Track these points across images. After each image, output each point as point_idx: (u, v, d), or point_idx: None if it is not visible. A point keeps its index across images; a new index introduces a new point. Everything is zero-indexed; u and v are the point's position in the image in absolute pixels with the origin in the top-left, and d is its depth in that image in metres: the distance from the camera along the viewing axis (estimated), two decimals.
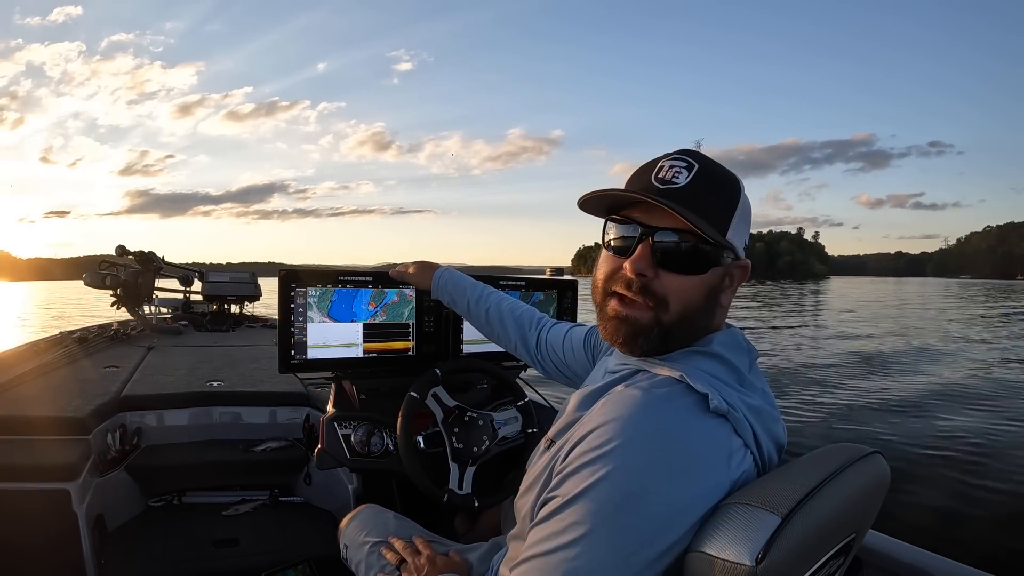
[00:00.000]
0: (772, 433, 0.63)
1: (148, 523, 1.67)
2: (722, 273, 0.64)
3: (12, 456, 1.36)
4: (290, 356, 1.23)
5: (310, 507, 1.83)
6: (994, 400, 5.89)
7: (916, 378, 7.12)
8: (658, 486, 0.52)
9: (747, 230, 0.66)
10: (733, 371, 0.63)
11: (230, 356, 2.59)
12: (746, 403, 0.61)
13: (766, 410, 0.63)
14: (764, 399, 0.64)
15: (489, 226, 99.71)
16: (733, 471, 0.57)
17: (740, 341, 0.67)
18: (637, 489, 0.52)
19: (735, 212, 0.64)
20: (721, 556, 0.50)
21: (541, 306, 1.50)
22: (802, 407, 5.51)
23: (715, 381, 0.60)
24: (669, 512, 0.52)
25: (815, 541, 0.55)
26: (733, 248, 0.64)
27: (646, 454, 0.53)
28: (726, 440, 0.57)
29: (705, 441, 0.56)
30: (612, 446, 0.54)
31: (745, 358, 0.66)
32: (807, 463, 0.62)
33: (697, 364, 0.62)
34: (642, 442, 0.54)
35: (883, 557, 0.88)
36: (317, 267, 1.75)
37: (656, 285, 0.62)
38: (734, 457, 0.57)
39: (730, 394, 0.60)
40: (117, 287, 3.35)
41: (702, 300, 0.63)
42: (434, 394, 1.23)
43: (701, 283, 0.62)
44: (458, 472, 1.19)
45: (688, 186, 0.62)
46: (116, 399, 1.77)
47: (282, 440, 1.88)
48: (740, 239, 0.65)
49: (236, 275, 4.18)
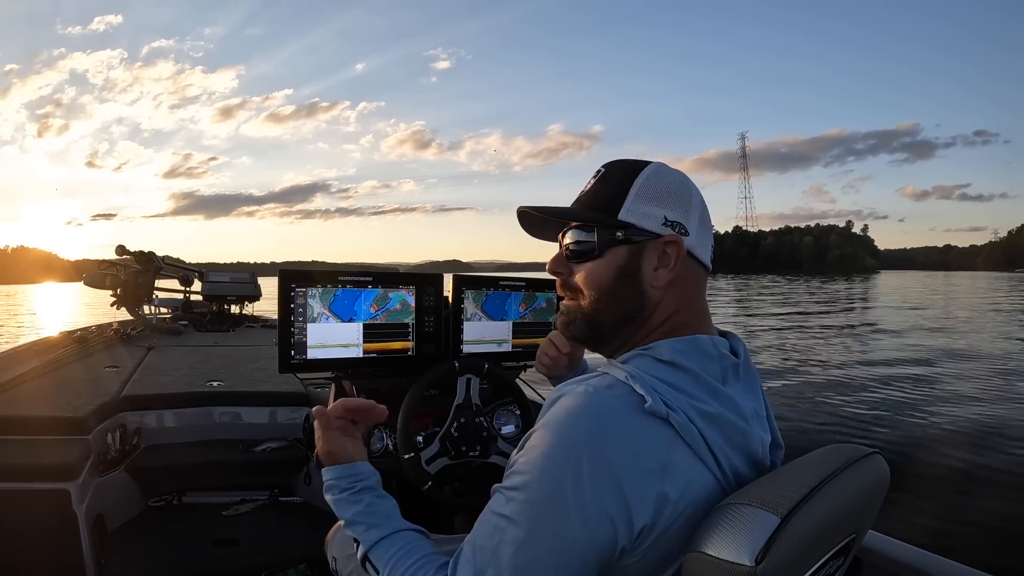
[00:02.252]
0: (738, 444, 0.61)
1: (148, 523, 1.67)
2: (627, 252, 0.66)
3: (12, 456, 1.36)
4: (290, 356, 1.23)
5: (310, 507, 1.83)
6: (995, 398, 5.89)
7: (921, 376, 7.13)
8: (574, 491, 0.54)
9: (663, 207, 0.66)
10: (694, 379, 0.61)
11: (230, 356, 2.59)
12: (697, 408, 0.58)
13: (727, 419, 0.60)
14: (730, 408, 0.61)
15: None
16: (664, 482, 0.55)
17: (706, 348, 0.63)
18: (562, 492, 0.54)
19: (628, 192, 0.66)
20: (720, 556, 0.50)
21: (542, 313, 1.50)
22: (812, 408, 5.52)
23: (663, 386, 0.59)
24: (593, 515, 0.54)
25: (815, 541, 0.55)
26: (631, 225, 0.65)
27: (563, 459, 0.55)
28: (663, 447, 0.56)
29: (631, 442, 0.55)
30: (543, 447, 0.57)
31: (714, 365, 0.63)
32: (807, 463, 0.62)
33: (647, 369, 0.61)
34: (570, 447, 0.56)
35: (883, 557, 0.88)
36: (320, 266, 1.75)
37: (572, 279, 0.70)
38: (673, 469, 0.56)
39: (677, 398, 0.58)
40: (117, 287, 3.35)
41: (612, 280, 0.66)
42: (469, 380, 1.27)
43: (605, 265, 0.67)
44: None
45: (589, 189, 0.70)
46: (116, 399, 1.77)
47: (282, 440, 1.88)
48: (645, 216, 0.65)
49: (236, 275, 4.18)
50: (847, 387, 6.57)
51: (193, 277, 4.08)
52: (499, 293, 1.43)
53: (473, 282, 1.40)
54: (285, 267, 1.21)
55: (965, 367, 7.94)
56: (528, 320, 1.47)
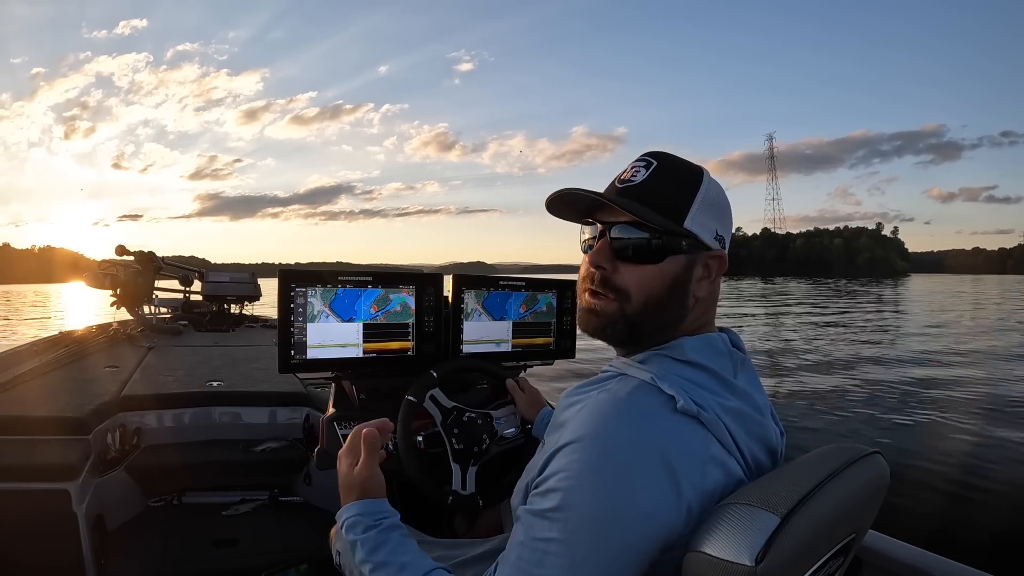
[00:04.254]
0: (757, 436, 0.63)
1: (148, 523, 1.67)
2: (685, 262, 0.65)
3: (12, 456, 1.36)
4: (290, 356, 1.23)
5: (310, 507, 1.83)
6: (996, 399, 5.89)
7: (924, 375, 7.12)
8: (626, 500, 0.54)
9: (716, 221, 0.67)
10: (713, 376, 0.63)
11: (230, 356, 2.58)
12: (721, 405, 0.60)
13: (747, 413, 0.62)
14: (747, 402, 0.64)
15: (555, 224, 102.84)
16: (703, 476, 0.56)
17: (718, 346, 0.66)
18: (613, 503, 0.54)
19: (693, 201, 0.65)
20: (721, 556, 0.50)
21: (543, 315, 1.50)
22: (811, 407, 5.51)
23: (688, 385, 0.60)
24: (644, 520, 0.54)
25: (815, 541, 0.55)
26: (693, 236, 0.65)
27: (618, 468, 0.55)
28: (700, 444, 0.57)
29: (672, 443, 0.56)
30: (585, 463, 0.56)
31: (727, 362, 0.65)
32: (807, 463, 0.62)
33: (670, 369, 0.62)
34: (613, 458, 0.55)
35: (883, 557, 0.88)
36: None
37: (616, 278, 0.65)
38: (711, 464, 0.57)
39: (703, 397, 0.60)
40: (117, 287, 3.35)
41: (664, 289, 0.65)
42: (432, 396, 1.23)
43: (660, 272, 0.64)
44: (460, 472, 1.19)
45: (644, 182, 0.66)
46: (116, 399, 1.77)
47: (282, 440, 1.88)
48: (704, 229, 0.66)
49: (236, 275, 4.18)
50: (848, 387, 6.57)
51: (193, 277, 4.08)
52: (499, 293, 1.43)
53: (473, 282, 1.40)
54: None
55: (965, 367, 7.94)
56: (528, 321, 1.47)
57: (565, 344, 1.53)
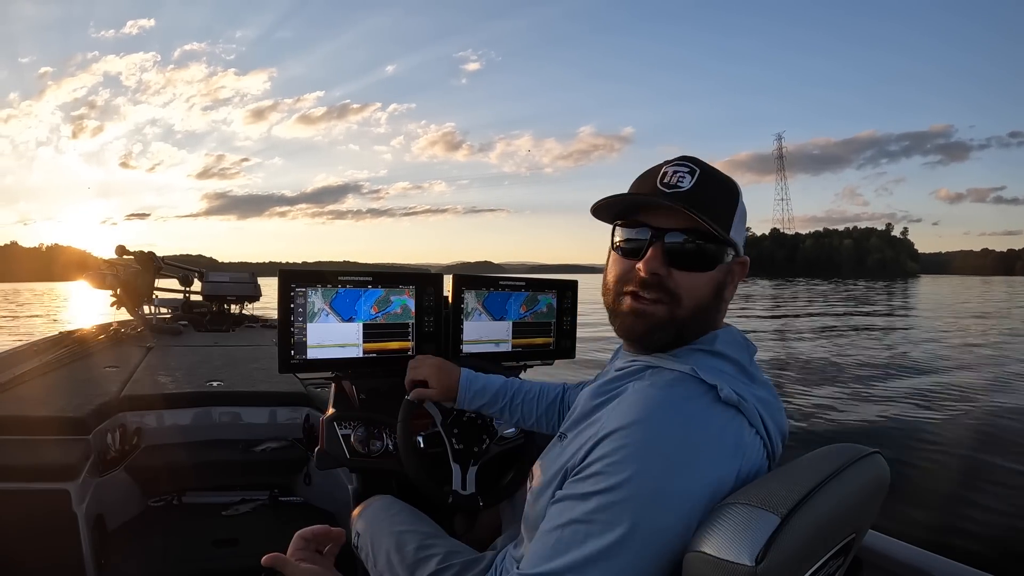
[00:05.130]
0: (777, 423, 0.67)
1: (148, 523, 1.67)
2: (726, 270, 0.69)
3: (12, 456, 1.36)
4: (290, 356, 1.23)
5: (310, 507, 1.83)
6: (997, 397, 5.89)
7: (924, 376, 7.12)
8: (678, 484, 0.56)
9: (744, 229, 0.72)
10: (738, 367, 0.67)
11: (230, 356, 2.59)
12: (755, 395, 0.64)
13: (771, 401, 0.67)
14: (768, 391, 0.68)
15: (562, 223, 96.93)
16: (743, 462, 0.60)
17: (739, 338, 0.70)
18: (663, 485, 0.55)
19: (735, 212, 0.69)
20: (721, 556, 0.50)
21: (543, 316, 1.50)
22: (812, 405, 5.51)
23: (723, 376, 0.64)
24: (690, 504, 0.56)
25: (815, 541, 0.55)
26: (735, 245, 0.69)
27: (668, 451, 0.57)
28: (739, 431, 0.61)
29: (720, 432, 0.60)
30: (636, 446, 0.57)
31: (745, 354, 0.69)
32: (807, 463, 0.62)
33: (704, 362, 0.65)
34: (664, 440, 0.57)
35: (883, 557, 0.88)
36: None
37: (669, 283, 0.66)
38: (746, 449, 0.61)
39: (740, 387, 0.63)
40: (117, 287, 3.35)
41: (711, 295, 0.68)
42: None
43: (710, 279, 0.67)
44: (460, 472, 1.19)
45: (692, 189, 0.66)
46: (116, 399, 1.77)
47: (282, 440, 1.88)
48: (740, 237, 0.70)
49: (236, 275, 4.19)
50: (847, 387, 6.57)
51: (193, 277, 4.08)
52: (499, 293, 1.43)
53: (473, 282, 1.40)
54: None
55: (967, 368, 7.94)
56: (528, 321, 1.47)
57: (565, 344, 1.53)
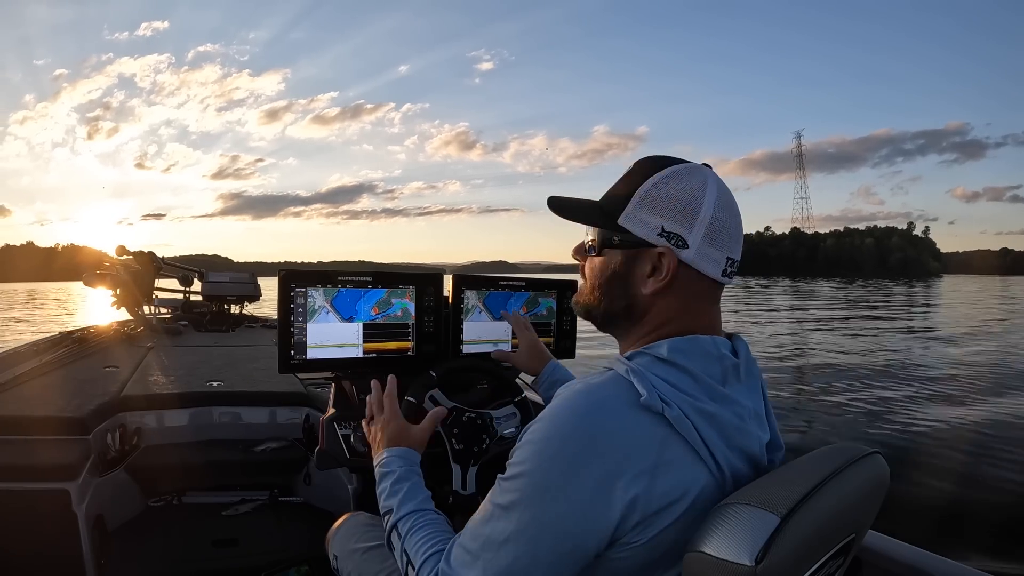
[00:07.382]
0: (736, 443, 0.61)
1: (148, 523, 1.67)
2: (622, 257, 0.68)
3: (12, 456, 1.36)
4: (290, 356, 1.23)
5: (310, 507, 1.83)
6: (996, 397, 5.89)
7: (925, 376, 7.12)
8: (565, 481, 0.56)
9: (664, 217, 0.65)
10: (692, 378, 0.61)
11: (230, 356, 2.59)
12: (695, 407, 0.59)
13: (724, 419, 0.60)
14: (729, 408, 0.62)
15: (577, 224, 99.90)
16: (659, 477, 0.56)
17: (707, 349, 0.63)
18: (552, 479, 0.57)
19: (632, 198, 0.67)
20: (720, 556, 0.50)
21: (543, 318, 1.50)
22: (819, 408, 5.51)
23: (662, 383, 0.59)
24: (577, 497, 0.56)
25: (814, 541, 0.55)
26: (626, 231, 0.67)
27: (560, 445, 0.57)
28: (657, 442, 0.56)
29: (624, 435, 0.56)
30: (537, 439, 0.60)
31: (715, 367, 0.63)
32: (806, 463, 0.62)
33: (649, 366, 0.61)
34: (561, 435, 0.58)
35: (883, 557, 0.88)
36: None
37: (583, 268, 0.75)
38: (667, 465, 0.56)
39: (675, 396, 0.59)
40: (117, 287, 3.35)
41: (606, 281, 0.70)
42: (431, 397, 1.23)
43: (602, 264, 0.71)
44: (460, 473, 1.19)
45: (613, 185, 0.72)
46: (116, 399, 1.77)
47: (282, 440, 1.88)
48: (642, 225, 0.66)
49: (236, 275, 4.19)
50: (848, 386, 6.57)
51: (193, 277, 4.08)
52: (499, 293, 1.43)
53: (473, 282, 1.40)
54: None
55: (967, 369, 7.94)
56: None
57: (565, 344, 1.53)
